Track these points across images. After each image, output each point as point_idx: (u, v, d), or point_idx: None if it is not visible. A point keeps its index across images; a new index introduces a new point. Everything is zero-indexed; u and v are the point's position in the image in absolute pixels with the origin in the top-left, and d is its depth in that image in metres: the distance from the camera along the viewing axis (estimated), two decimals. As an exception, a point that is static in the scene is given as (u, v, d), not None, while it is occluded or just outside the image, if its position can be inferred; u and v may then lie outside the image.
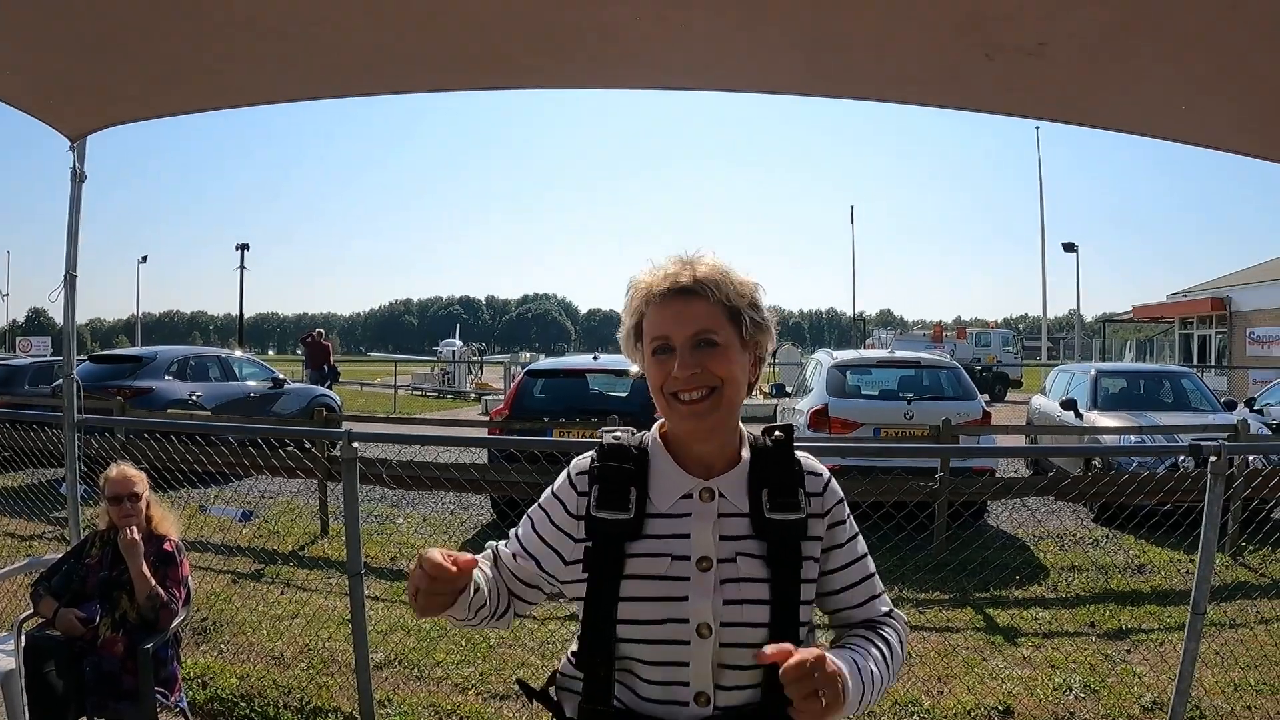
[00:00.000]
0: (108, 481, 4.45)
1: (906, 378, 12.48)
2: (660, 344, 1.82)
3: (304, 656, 5.95)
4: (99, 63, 3.42)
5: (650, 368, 1.84)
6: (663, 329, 1.81)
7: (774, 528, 1.80)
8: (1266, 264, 40.37)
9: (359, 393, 34.38)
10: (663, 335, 1.81)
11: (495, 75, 3.37)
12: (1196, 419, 12.11)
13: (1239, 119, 3.21)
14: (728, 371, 1.80)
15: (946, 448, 9.22)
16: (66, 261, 5.19)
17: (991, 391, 32.49)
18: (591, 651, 1.81)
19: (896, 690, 5.51)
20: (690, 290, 1.81)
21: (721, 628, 1.75)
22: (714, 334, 1.80)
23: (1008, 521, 10.40)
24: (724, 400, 1.80)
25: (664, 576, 1.77)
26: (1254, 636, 6.30)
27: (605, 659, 1.80)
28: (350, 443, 4.92)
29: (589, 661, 1.82)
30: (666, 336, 1.81)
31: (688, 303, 1.81)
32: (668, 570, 1.78)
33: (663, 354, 1.81)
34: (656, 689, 1.79)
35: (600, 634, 1.80)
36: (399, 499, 11.01)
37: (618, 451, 1.89)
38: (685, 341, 1.79)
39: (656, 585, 1.77)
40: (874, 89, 3.20)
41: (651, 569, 1.78)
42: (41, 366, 16.85)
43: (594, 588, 1.81)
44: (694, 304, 1.81)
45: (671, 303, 1.81)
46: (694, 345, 1.79)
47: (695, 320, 1.80)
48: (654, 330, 1.83)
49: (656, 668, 1.78)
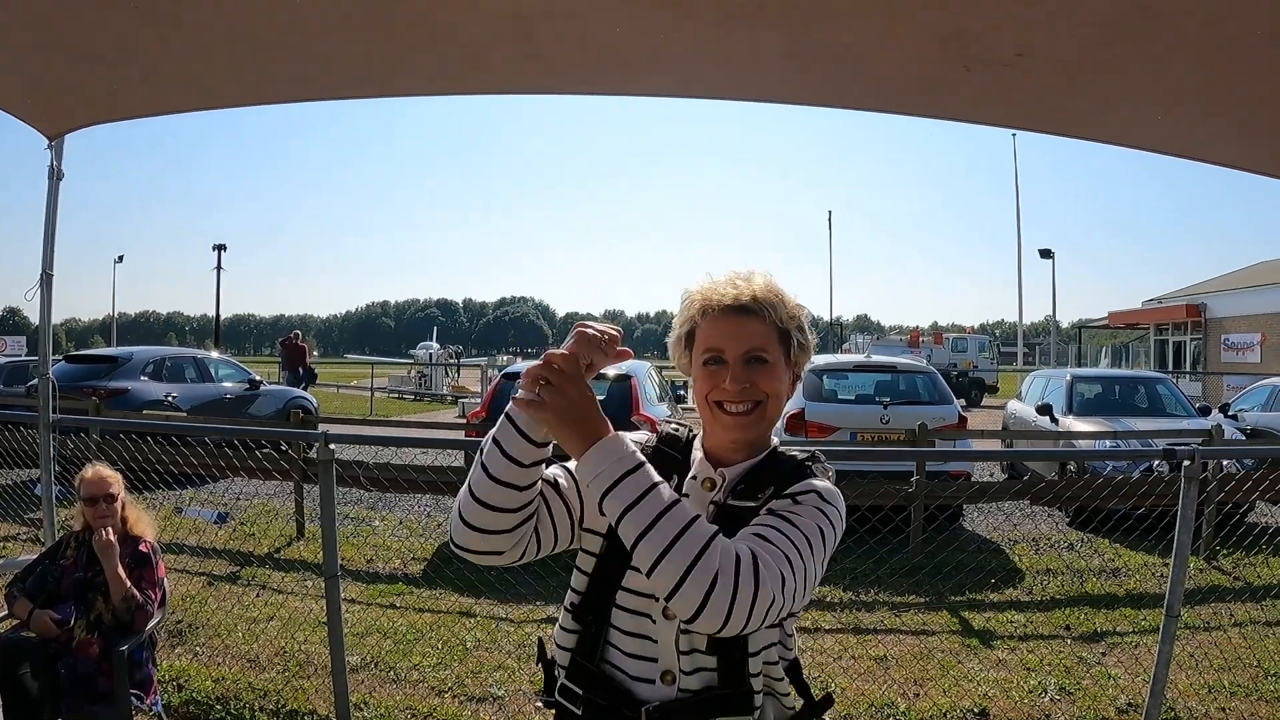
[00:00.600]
0: (83, 482, 4.43)
1: (883, 382, 12.54)
2: (713, 356, 1.88)
3: (280, 659, 5.92)
4: (79, 62, 3.40)
5: (699, 377, 1.90)
6: (718, 342, 1.88)
7: (729, 513, 1.83)
8: (1241, 271, 40.85)
9: (336, 395, 34.21)
10: (717, 348, 1.87)
11: (480, 81, 3.37)
12: (1171, 424, 12.23)
13: (1216, 129, 3.25)
14: (774, 388, 1.88)
15: (922, 451, 9.27)
16: (43, 260, 5.16)
17: (967, 396, 32.65)
18: (591, 608, 1.89)
19: (873, 693, 5.55)
20: (748, 309, 1.88)
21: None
22: (765, 352, 1.87)
23: (983, 525, 10.46)
24: (766, 414, 1.88)
25: None
26: (1228, 639, 6.36)
27: (600, 618, 1.87)
28: (327, 444, 4.91)
29: (586, 616, 1.89)
30: (720, 350, 1.87)
31: (744, 321, 1.87)
32: None
33: (714, 365, 1.87)
34: (631, 662, 1.86)
35: (600, 595, 1.88)
36: (375, 501, 10.96)
37: (672, 440, 2.01)
38: (738, 357, 1.86)
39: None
40: (857, 99, 3.22)
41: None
42: (16, 366, 16.70)
43: (608, 549, 1.89)
44: (750, 323, 1.87)
45: (729, 319, 1.88)
46: (745, 361, 1.86)
47: (750, 338, 1.87)
48: (708, 342, 1.89)
49: (633, 639, 1.85)
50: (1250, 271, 39.78)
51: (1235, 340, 35.03)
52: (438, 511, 10.89)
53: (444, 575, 7.86)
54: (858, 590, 7.68)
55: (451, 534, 1.82)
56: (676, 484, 1.89)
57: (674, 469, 1.93)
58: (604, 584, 1.88)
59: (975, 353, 41.21)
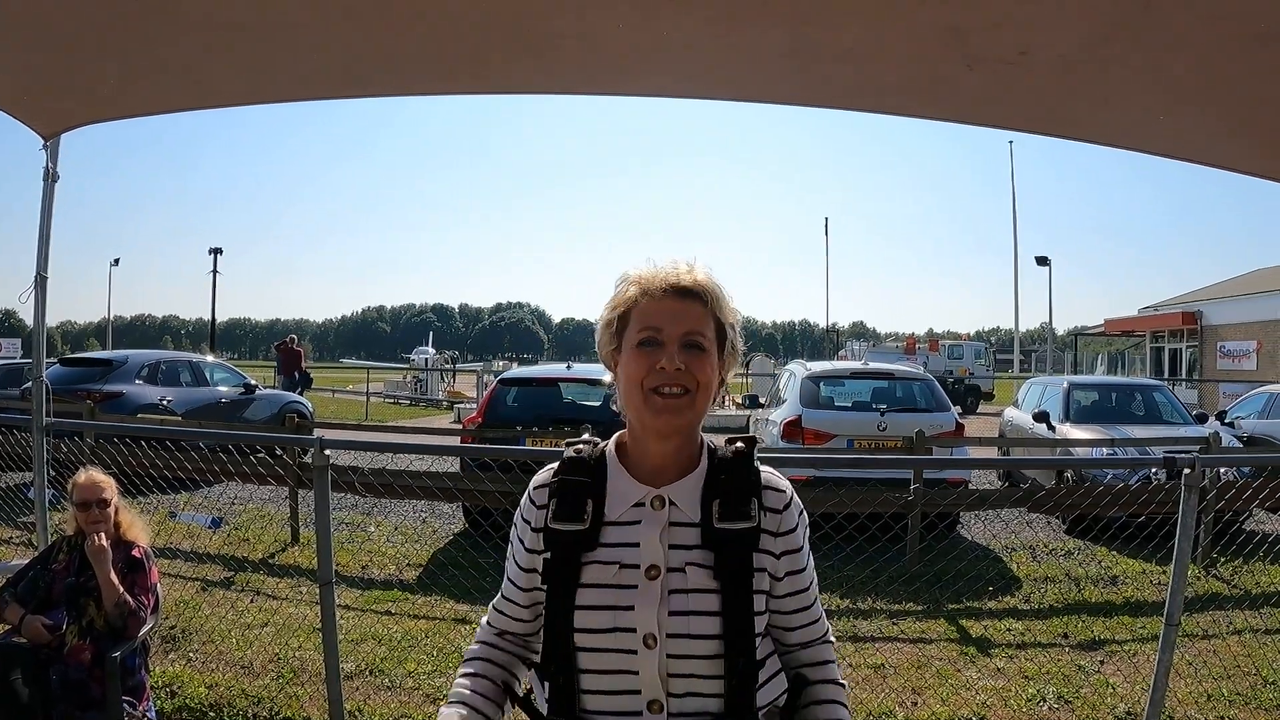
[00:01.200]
0: (76, 487, 4.39)
1: (880, 389, 12.53)
2: (649, 336, 1.80)
3: (274, 665, 5.88)
4: (74, 61, 3.38)
5: (632, 360, 1.81)
6: (656, 321, 1.80)
7: (723, 537, 1.78)
8: (1238, 279, 40.96)
9: (331, 399, 34.22)
10: (655, 327, 1.80)
11: (477, 80, 3.35)
12: (1168, 431, 12.22)
13: (1218, 132, 3.23)
14: (706, 378, 1.81)
15: (920, 459, 9.24)
16: (38, 262, 5.12)
17: (964, 403, 32.71)
18: (551, 661, 1.81)
19: (870, 701, 5.52)
20: (691, 292, 1.83)
21: (668, 639, 1.73)
22: (703, 338, 1.81)
23: (981, 533, 10.44)
24: (696, 404, 1.80)
25: (612, 585, 1.76)
26: (1227, 647, 6.35)
27: (565, 668, 1.79)
28: (323, 450, 4.88)
29: (549, 671, 1.81)
30: (659, 329, 1.80)
31: (686, 303, 1.82)
32: (615, 578, 1.76)
33: (650, 346, 1.79)
34: (611, 699, 1.78)
35: (558, 643, 1.79)
36: (370, 507, 10.93)
37: (575, 464, 1.89)
38: (677, 338, 1.79)
39: (605, 594, 1.76)
40: (856, 99, 3.20)
41: (601, 577, 1.77)
42: (10, 369, 16.64)
43: (552, 598, 1.81)
44: (692, 306, 1.82)
45: (670, 299, 1.82)
46: (684, 344, 1.79)
47: (691, 320, 1.81)
48: (646, 321, 1.81)
49: (608, 676, 1.77)
50: (1247, 279, 39.89)
51: (1231, 348, 35.12)
52: (433, 517, 10.87)
53: (439, 582, 7.83)
54: (855, 598, 7.66)
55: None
56: (593, 507, 1.82)
57: (584, 492, 1.84)
58: (557, 635, 1.80)
59: (971, 360, 41.22)
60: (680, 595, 1.75)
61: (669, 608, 1.74)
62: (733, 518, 1.79)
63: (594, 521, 1.81)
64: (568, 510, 1.83)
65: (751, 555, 1.79)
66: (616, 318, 1.87)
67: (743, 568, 1.77)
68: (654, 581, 1.75)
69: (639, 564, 1.77)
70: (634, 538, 1.79)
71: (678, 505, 1.81)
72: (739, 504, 1.81)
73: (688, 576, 1.76)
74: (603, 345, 1.91)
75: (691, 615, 1.74)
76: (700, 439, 1.88)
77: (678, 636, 1.73)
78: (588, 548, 1.79)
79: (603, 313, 1.90)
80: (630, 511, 1.81)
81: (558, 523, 1.82)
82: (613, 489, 1.84)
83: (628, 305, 1.85)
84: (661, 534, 1.78)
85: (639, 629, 1.73)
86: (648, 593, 1.75)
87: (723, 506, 1.80)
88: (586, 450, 1.92)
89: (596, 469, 1.87)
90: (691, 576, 1.76)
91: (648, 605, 1.74)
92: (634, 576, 1.76)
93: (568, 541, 1.80)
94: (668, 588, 1.75)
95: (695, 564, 1.77)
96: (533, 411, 10.91)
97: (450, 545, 9.60)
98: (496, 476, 7.24)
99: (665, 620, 1.73)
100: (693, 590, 1.75)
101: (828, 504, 6.71)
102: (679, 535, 1.79)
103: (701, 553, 1.77)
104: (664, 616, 1.73)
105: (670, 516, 1.80)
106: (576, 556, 1.79)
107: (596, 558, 1.79)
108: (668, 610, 1.74)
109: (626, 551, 1.78)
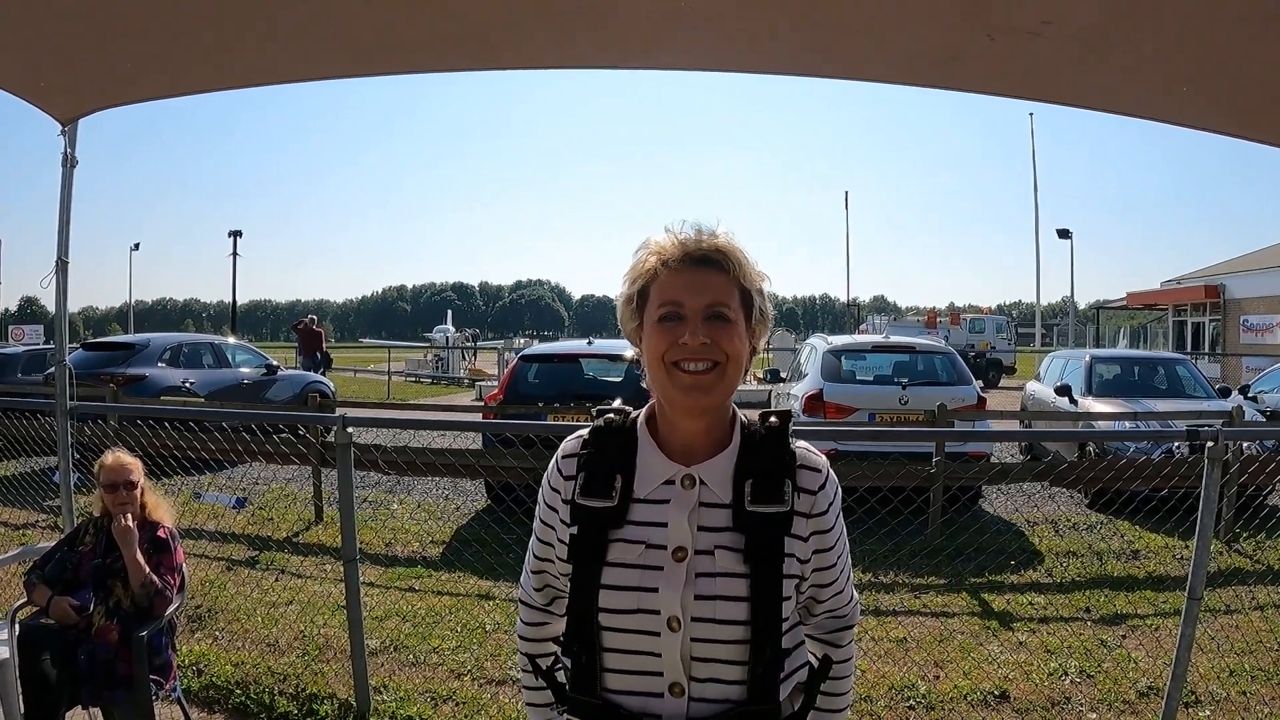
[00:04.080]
0: (103, 469, 4.42)
1: (901, 363, 12.48)
2: (670, 310, 1.74)
3: (299, 643, 5.94)
4: (90, 44, 3.37)
5: (653, 335, 1.75)
6: (676, 295, 1.73)
7: (754, 521, 1.72)
8: (1261, 252, 40.48)
9: (353, 379, 34.32)
10: (676, 301, 1.73)
11: (493, 56, 3.33)
12: (1191, 405, 12.13)
13: (1242, 103, 3.18)
14: (734, 349, 1.73)
15: (942, 431, 9.21)
16: (58, 247, 5.17)
17: (985, 378, 32.51)
18: (575, 639, 1.77)
19: (893, 675, 5.53)
20: (712, 261, 1.75)
21: (692, 623, 1.69)
22: (727, 309, 1.74)
23: (1003, 507, 10.41)
24: (726, 378, 1.73)
25: (637, 565, 1.72)
26: (1249, 622, 6.31)
27: (588, 647, 1.75)
28: (345, 428, 4.90)
29: (572, 649, 1.77)
30: (680, 303, 1.73)
31: (707, 273, 1.74)
32: (640, 558, 1.72)
33: (671, 320, 1.73)
34: (633, 679, 1.74)
35: (583, 622, 1.75)
36: (393, 485, 10.99)
37: (605, 435, 1.84)
38: (699, 311, 1.72)
39: (630, 574, 1.72)
40: (875, 70, 3.17)
41: (627, 556, 1.73)
42: (34, 354, 16.74)
43: (577, 575, 1.76)
44: (713, 276, 1.75)
45: (690, 270, 1.74)
46: (707, 316, 1.72)
47: (712, 291, 1.74)
48: (666, 295, 1.74)
49: (631, 657, 1.73)
50: (1270, 252, 39.41)
51: (1254, 321, 34.77)
52: (456, 494, 10.92)
53: (462, 558, 7.88)
54: (877, 572, 7.66)
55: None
56: (622, 482, 1.77)
57: (613, 467, 1.79)
58: (581, 614, 1.76)
59: (993, 334, 41.02)
60: (707, 579, 1.70)
61: (695, 591, 1.69)
62: (765, 500, 1.73)
63: (622, 498, 1.76)
64: (596, 485, 1.78)
65: (783, 539, 1.74)
66: (636, 293, 1.81)
67: (774, 553, 1.72)
68: (680, 564, 1.71)
69: (666, 545, 1.72)
70: (662, 517, 1.74)
71: (708, 485, 1.75)
72: (772, 486, 1.75)
73: (716, 560, 1.71)
74: (625, 322, 1.85)
75: (718, 600, 1.69)
76: (733, 413, 1.82)
77: (703, 621, 1.69)
78: (615, 525, 1.75)
79: (622, 287, 1.84)
80: (660, 490, 1.76)
81: (585, 497, 1.78)
82: (642, 465, 1.79)
83: (647, 279, 1.78)
84: (690, 515, 1.73)
85: (663, 611, 1.69)
86: (674, 575, 1.70)
87: (755, 488, 1.74)
88: (617, 420, 1.86)
89: (626, 441, 1.82)
90: (720, 560, 1.71)
91: (672, 588, 1.69)
92: (660, 557, 1.72)
93: (595, 518, 1.76)
94: (695, 570, 1.70)
95: (725, 547, 1.71)
96: (554, 388, 10.91)
97: (473, 522, 9.67)
98: (518, 452, 7.26)
99: (690, 604, 1.69)
100: (720, 574, 1.70)
101: (850, 478, 6.70)
102: (709, 517, 1.74)
103: (731, 535, 1.72)
104: (689, 600, 1.69)
105: (700, 497, 1.75)
106: (604, 534, 1.75)
107: (623, 536, 1.74)
108: (694, 594, 1.69)
109: (654, 531, 1.73)
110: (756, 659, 1.69)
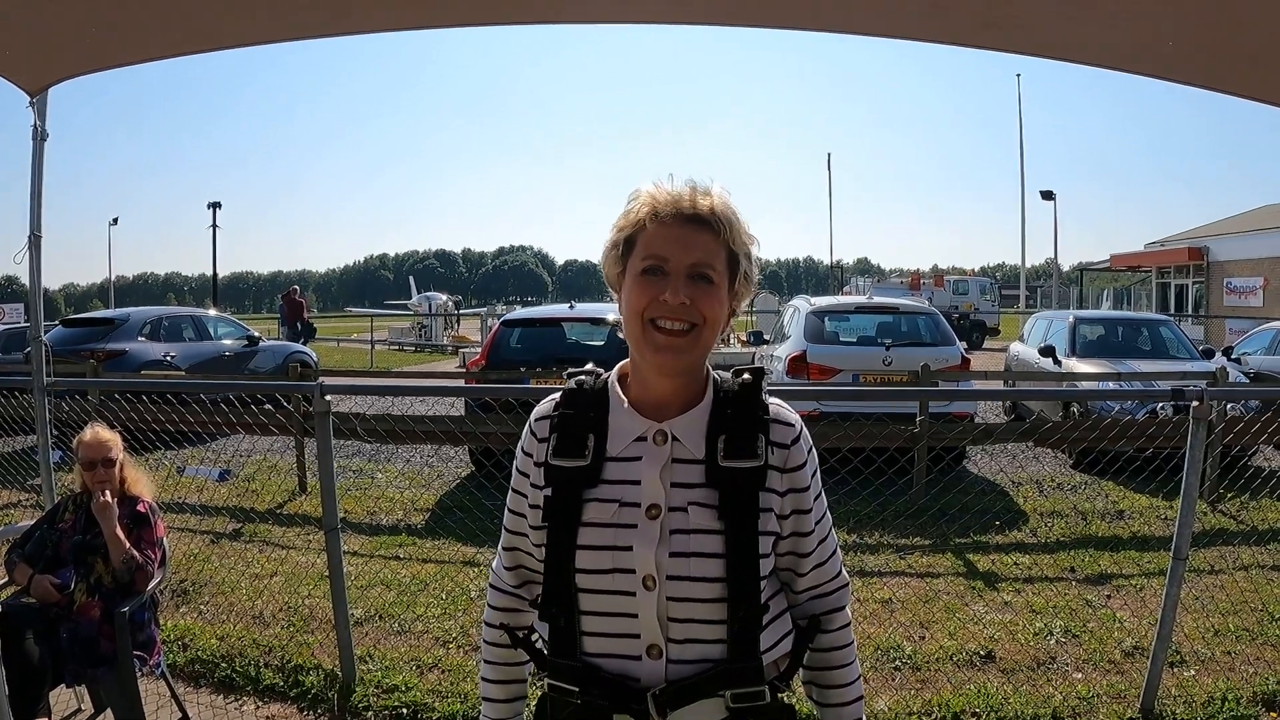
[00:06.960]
0: (81, 445, 4.37)
1: (885, 324, 12.45)
2: (654, 264, 1.71)
3: (284, 615, 5.92)
4: (56, 9, 3.27)
5: (634, 287, 1.73)
6: (663, 249, 1.71)
7: (728, 476, 1.71)
8: (1244, 214, 40.66)
9: (336, 349, 34.17)
10: (661, 255, 1.71)
11: (489, 10, 3.26)
12: (1174, 366, 12.17)
13: (1232, 56, 3.14)
14: (713, 314, 1.72)
15: (925, 390, 9.20)
16: (30, 223, 5.08)
17: (969, 339, 32.58)
18: (554, 602, 1.74)
19: (878, 636, 5.54)
20: (703, 219, 1.72)
21: (667, 580, 1.67)
22: (712, 270, 1.72)
23: (987, 467, 10.46)
24: (701, 341, 1.72)
25: (611, 524, 1.70)
26: (1233, 582, 6.35)
27: (566, 610, 1.73)
28: (323, 395, 4.85)
29: (550, 612, 1.75)
30: (665, 258, 1.70)
31: (696, 231, 1.71)
32: (614, 517, 1.70)
33: (653, 275, 1.71)
34: (610, 641, 1.72)
35: (560, 584, 1.73)
36: (376, 453, 10.98)
37: (577, 396, 1.83)
38: (683, 269, 1.70)
39: (605, 533, 1.70)
40: (859, 22, 3.11)
41: (602, 515, 1.71)
42: (13, 333, 16.59)
43: (552, 536, 1.74)
44: (702, 234, 1.72)
45: (679, 226, 1.71)
46: (690, 275, 1.70)
47: (699, 250, 1.71)
48: (652, 248, 1.72)
49: (608, 619, 1.71)
50: (1254, 214, 39.57)
51: (1238, 284, 34.94)
52: (439, 461, 10.92)
53: (445, 525, 7.88)
54: (862, 533, 7.68)
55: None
56: (595, 441, 1.76)
57: (585, 426, 1.78)
58: (558, 576, 1.73)
59: (976, 295, 41.09)
60: (681, 535, 1.68)
61: (669, 548, 1.68)
62: (739, 455, 1.72)
63: (595, 457, 1.75)
64: (569, 445, 1.76)
65: (758, 494, 1.72)
66: (623, 240, 1.77)
67: (749, 508, 1.70)
68: (654, 521, 1.69)
69: (640, 502, 1.71)
70: (635, 475, 1.72)
71: (681, 441, 1.74)
72: (745, 440, 1.73)
73: (690, 516, 1.69)
74: (608, 267, 1.82)
75: (693, 557, 1.67)
76: (706, 371, 1.81)
77: (678, 579, 1.67)
78: (589, 484, 1.73)
79: (610, 232, 1.81)
80: (632, 446, 1.75)
81: (559, 458, 1.76)
82: (615, 423, 1.77)
83: (635, 228, 1.75)
84: (663, 471, 1.72)
85: (638, 570, 1.67)
86: (647, 532, 1.68)
87: (728, 443, 1.72)
88: (589, 381, 1.85)
89: (598, 401, 1.81)
90: (694, 516, 1.69)
91: (646, 546, 1.68)
92: (634, 515, 1.70)
93: (569, 478, 1.74)
94: (669, 528, 1.69)
95: (698, 503, 1.70)
96: (537, 352, 10.88)
97: (456, 489, 9.67)
98: (499, 418, 7.24)
99: (665, 561, 1.67)
100: (695, 531, 1.69)
101: (833, 438, 6.70)
102: (682, 473, 1.72)
103: (705, 491, 1.70)
104: (664, 558, 1.67)
105: (673, 453, 1.73)
106: (578, 493, 1.73)
107: (597, 495, 1.72)
108: (668, 551, 1.68)
109: (627, 489, 1.72)
110: (733, 616, 1.68)
